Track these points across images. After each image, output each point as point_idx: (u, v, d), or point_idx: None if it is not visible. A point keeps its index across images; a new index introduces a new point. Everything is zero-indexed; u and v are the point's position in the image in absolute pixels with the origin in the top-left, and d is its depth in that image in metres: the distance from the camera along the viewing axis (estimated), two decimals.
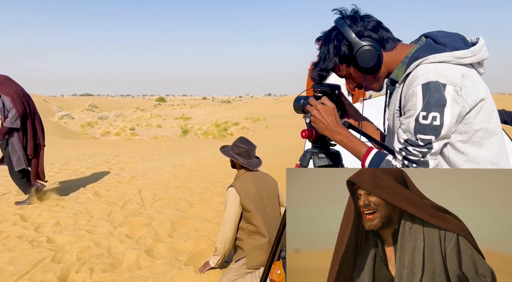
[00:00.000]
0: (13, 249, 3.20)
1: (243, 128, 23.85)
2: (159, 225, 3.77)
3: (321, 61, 1.22)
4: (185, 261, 2.90)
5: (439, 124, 1.01)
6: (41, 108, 31.56)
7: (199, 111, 53.39)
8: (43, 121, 5.10)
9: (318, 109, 1.24)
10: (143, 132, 24.49)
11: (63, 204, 4.64)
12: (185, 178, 6.23)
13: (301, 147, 7.41)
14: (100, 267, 2.86)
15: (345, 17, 1.17)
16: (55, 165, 7.94)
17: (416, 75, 1.04)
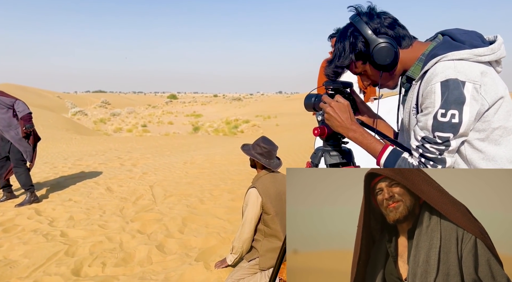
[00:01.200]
0: (28, 242, 3.27)
1: (254, 125, 23.86)
2: (170, 221, 3.80)
3: (336, 57, 1.21)
4: (195, 257, 2.92)
5: (457, 121, 1.00)
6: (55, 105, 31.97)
7: (210, 109, 53.59)
8: (57, 117, 5.18)
9: (332, 107, 1.23)
10: (154, 129, 24.72)
11: (76, 199, 4.72)
12: (195, 175, 6.27)
13: (312, 144, 7.39)
14: (112, 261, 2.90)
15: (361, 14, 1.16)
16: (68, 160, 8.08)
17: (435, 72, 1.03)
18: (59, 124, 20.01)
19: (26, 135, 4.40)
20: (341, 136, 1.40)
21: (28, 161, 4.54)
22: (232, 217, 3.87)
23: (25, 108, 4.41)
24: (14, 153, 4.43)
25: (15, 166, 4.46)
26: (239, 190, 5.03)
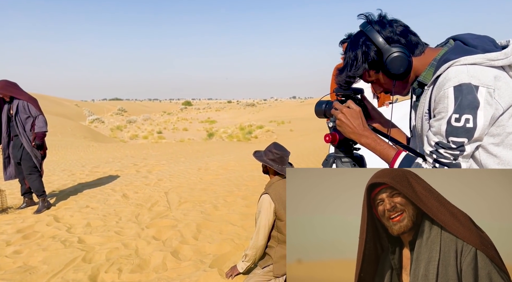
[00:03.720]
0: (47, 248, 3.34)
1: (268, 131, 23.87)
2: (185, 227, 3.82)
3: (348, 66, 1.19)
4: (210, 263, 2.93)
5: (472, 126, 0.99)
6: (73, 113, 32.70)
7: (224, 115, 53.90)
8: (76, 125, 5.33)
9: (343, 113, 1.23)
10: (170, 135, 25.00)
11: (93, 205, 4.81)
12: (210, 181, 6.30)
13: (326, 150, 7.32)
14: (128, 267, 2.94)
15: (372, 22, 1.15)
16: (86, 167, 8.24)
17: (448, 77, 1.02)
18: (77, 132, 20.47)
19: (37, 146, 4.54)
20: (353, 143, 1.40)
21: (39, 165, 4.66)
22: (246, 224, 3.87)
23: (44, 125, 4.53)
24: (27, 160, 4.55)
25: (29, 173, 4.57)
26: (252, 196, 5.03)
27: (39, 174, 4.65)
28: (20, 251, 3.31)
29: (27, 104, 4.49)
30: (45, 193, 4.68)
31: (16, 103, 4.47)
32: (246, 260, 2.50)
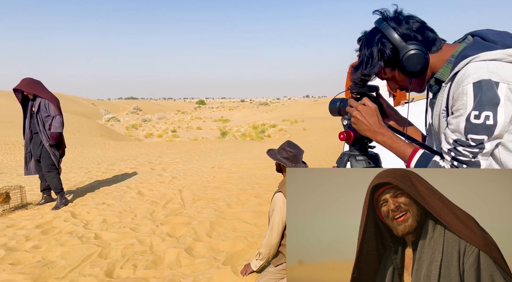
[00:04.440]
0: (64, 244, 3.42)
1: (281, 130, 23.83)
2: (199, 224, 3.86)
3: (363, 64, 1.17)
4: (223, 261, 2.94)
5: (492, 123, 0.97)
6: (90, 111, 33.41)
7: (237, 114, 54.03)
8: (92, 123, 5.45)
9: (359, 110, 1.21)
10: (184, 134, 25.21)
11: (109, 202, 4.89)
12: (223, 179, 6.33)
13: (340, 149, 7.26)
14: (143, 264, 2.98)
15: (388, 19, 1.12)
16: (102, 165, 8.39)
17: (466, 73, 1.00)
18: (93, 130, 20.84)
19: (54, 145, 4.64)
20: (368, 141, 1.38)
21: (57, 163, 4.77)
22: (259, 222, 3.88)
23: (59, 126, 4.62)
24: (45, 158, 4.66)
25: (47, 170, 4.68)
26: (266, 194, 5.03)
27: (57, 172, 4.75)
28: (39, 246, 3.40)
29: (48, 103, 4.59)
30: (63, 190, 4.78)
31: (38, 101, 4.58)
32: (260, 258, 2.50)
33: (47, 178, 4.73)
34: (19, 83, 4.57)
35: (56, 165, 4.71)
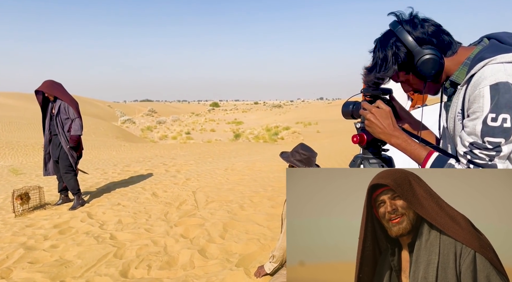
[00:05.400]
0: (81, 243, 3.49)
1: (294, 132, 23.77)
2: (212, 226, 3.88)
3: (377, 67, 1.16)
4: (236, 263, 2.95)
5: (510, 126, 0.95)
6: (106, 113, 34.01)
7: (250, 116, 54.13)
8: (108, 125, 5.56)
9: (373, 113, 1.20)
10: (197, 136, 25.41)
11: (124, 203, 4.97)
12: (236, 181, 6.35)
13: (353, 152, 7.20)
14: (157, 264, 3.02)
15: (403, 22, 1.11)
16: (117, 166, 8.52)
17: (483, 76, 0.98)
18: (109, 132, 21.21)
19: (73, 147, 4.74)
20: (381, 144, 1.37)
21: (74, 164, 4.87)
22: (272, 224, 3.88)
23: (78, 129, 4.71)
24: (63, 159, 4.76)
25: (65, 172, 4.78)
26: (278, 197, 5.03)
27: (74, 173, 4.85)
28: (56, 245, 3.48)
29: (67, 106, 4.70)
30: (79, 191, 4.88)
31: (58, 103, 4.69)
32: (273, 261, 2.50)
33: (64, 179, 4.83)
34: (41, 85, 4.70)
35: (73, 166, 4.81)
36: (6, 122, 19.48)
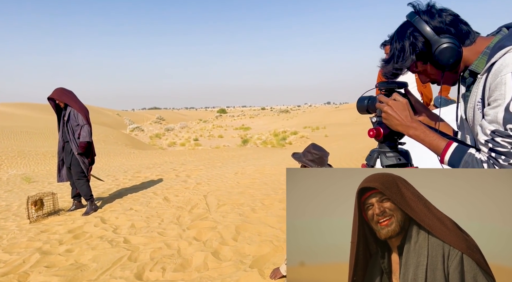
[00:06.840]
0: (95, 248, 3.52)
1: (302, 137, 23.73)
2: (224, 229, 3.88)
3: (394, 57, 1.17)
4: (250, 264, 2.95)
5: None
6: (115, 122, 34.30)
7: (258, 121, 54.20)
8: (117, 133, 5.62)
9: (390, 105, 1.20)
10: (206, 142, 25.50)
11: (136, 208, 5.00)
12: (246, 185, 6.35)
13: (363, 154, 7.15)
14: (171, 266, 3.03)
15: (420, 13, 1.12)
16: (128, 173, 8.59)
17: (505, 63, 0.98)
18: (118, 140, 21.40)
19: (83, 153, 4.79)
20: (398, 137, 1.37)
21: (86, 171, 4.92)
22: (284, 226, 3.87)
23: (86, 135, 4.76)
24: (75, 166, 4.82)
25: (77, 178, 4.83)
26: None
27: (86, 179, 4.91)
28: (71, 250, 3.51)
29: (76, 113, 4.77)
30: (92, 196, 4.93)
31: (69, 111, 4.76)
32: None
33: (77, 186, 4.88)
34: (52, 92, 4.78)
35: (85, 173, 4.86)
36: (18, 131, 19.81)
